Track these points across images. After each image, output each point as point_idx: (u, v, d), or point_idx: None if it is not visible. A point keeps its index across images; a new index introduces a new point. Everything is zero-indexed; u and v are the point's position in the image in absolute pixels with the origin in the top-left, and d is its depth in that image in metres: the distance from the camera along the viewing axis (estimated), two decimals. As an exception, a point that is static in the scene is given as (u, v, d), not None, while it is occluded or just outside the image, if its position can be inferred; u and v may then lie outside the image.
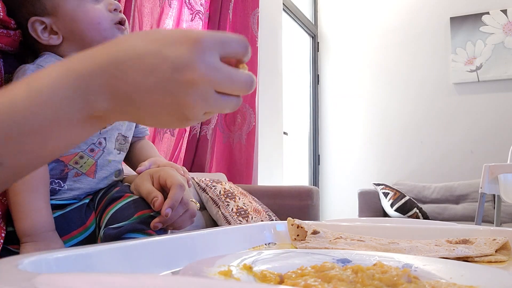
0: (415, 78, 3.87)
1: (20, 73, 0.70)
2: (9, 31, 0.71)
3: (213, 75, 0.35)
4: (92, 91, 0.36)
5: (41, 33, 0.73)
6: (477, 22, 3.68)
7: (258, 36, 2.63)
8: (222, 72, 0.36)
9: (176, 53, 0.35)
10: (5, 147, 0.36)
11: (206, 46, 0.36)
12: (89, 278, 0.24)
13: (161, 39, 0.36)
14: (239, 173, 2.48)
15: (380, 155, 3.95)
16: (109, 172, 0.80)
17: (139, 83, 0.36)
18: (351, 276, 0.35)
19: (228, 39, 0.38)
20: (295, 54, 4.03)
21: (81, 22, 0.73)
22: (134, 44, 0.36)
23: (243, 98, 2.62)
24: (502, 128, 3.54)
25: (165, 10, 2.03)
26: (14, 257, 0.31)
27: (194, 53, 0.35)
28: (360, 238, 0.65)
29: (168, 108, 0.37)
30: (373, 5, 4.09)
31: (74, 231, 0.74)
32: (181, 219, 0.71)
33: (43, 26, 0.73)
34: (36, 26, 0.72)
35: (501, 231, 0.65)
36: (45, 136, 0.37)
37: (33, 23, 0.72)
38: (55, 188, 0.74)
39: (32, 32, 0.72)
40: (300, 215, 1.20)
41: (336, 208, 4.05)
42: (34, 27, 0.72)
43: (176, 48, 0.35)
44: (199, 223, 1.81)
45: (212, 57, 0.36)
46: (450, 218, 3.19)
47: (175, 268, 0.45)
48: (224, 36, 0.38)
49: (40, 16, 0.72)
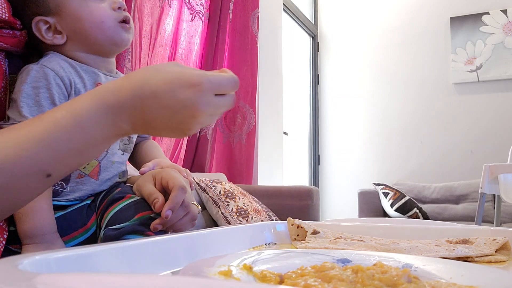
0: (415, 78, 3.87)
1: (25, 73, 0.70)
2: (15, 32, 0.71)
3: (208, 109, 0.49)
4: (119, 119, 0.48)
5: (45, 33, 0.73)
6: (477, 22, 3.68)
7: (258, 36, 2.63)
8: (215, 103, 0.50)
9: (184, 95, 0.48)
10: (54, 162, 0.47)
11: (204, 89, 0.48)
12: (89, 278, 0.24)
13: (173, 81, 0.48)
14: (239, 173, 2.48)
15: (380, 155, 3.95)
16: (113, 173, 0.80)
17: (155, 115, 0.48)
18: (351, 276, 0.35)
19: (222, 82, 0.50)
20: (295, 54, 4.03)
21: (85, 21, 0.73)
22: (152, 84, 0.48)
23: (243, 99, 2.63)
24: (502, 128, 3.54)
25: (165, 10, 2.03)
26: (14, 257, 0.31)
27: (197, 95, 0.48)
28: (360, 238, 0.65)
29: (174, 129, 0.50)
30: (373, 5, 4.09)
31: (75, 232, 0.73)
32: (181, 222, 0.70)
33: (47, 26, 0.73)
34: (40, 26, 0.72)
35: (501, 231, 0.65)
36: (84, 151, 0.49)
37: (37, 23, 0.72)
38: (58, 190, 0.74)
39: (36, 32, 0.72)
40: (300, 215, 1.20)
41: (336, 208, 4.05)
42: (38, 27, 0.72)
43: (184, 90, 0.48)
44: (199, 223, 1.81)
45: (208, 96, 0.49)
46: (450, 218, 3.19)
47: (175, 268, 0.45)
48: (219, 79, 0.50)
49: (44, 16, 0.72)
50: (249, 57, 2.57)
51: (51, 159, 0.46)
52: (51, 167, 0.47)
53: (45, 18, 0.72)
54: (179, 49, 2.15)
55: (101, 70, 0.78)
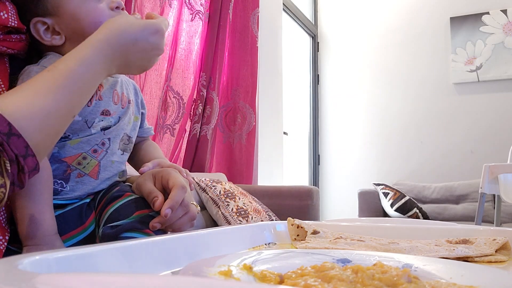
0: (415, 78, 3.87)
1: (25, 75, 0.70)
2: (22, 36, 0.71)
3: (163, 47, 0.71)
4: (110, 63, 0.64)
5: (44, 34, 0.72)
6: (477, 22, 3.68)
7: (258, 36, 2.63)
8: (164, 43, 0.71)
9: (153, 39, 0.67)
10: (79, 105, 0.61)
11: (164, 33, 0.69)
12: (89, 278, 0.24)
13: (145, 29, 0.66)
14: (239, 173, 2.48)
15: (380, 155, 3.95)
16: (112, 173, 0.80)
17: (134, 56, 0.66)
18: (351, 276, 0.35)
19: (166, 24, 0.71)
20: (295, 54, 4.03)
21: (83, 22, 0.73)
22: (131, 32, 0.65)
23: (243, 99, 2.63)
24: (502, 128, 3.54)
25: (165, 10, 2.03)
26: (14, 257, 0.31)
27: (161, 38, 0.68)
28: (360, 238, 0.65)
29: (141, 66, 0.69)
30: (373, 5, 4.09)
31: (74, 230, 0.73)
32: (180, 221, 0.70)
33: (46, 27, 0.72)
34: (39, 27, 0.72)
35: (501, 231, 0.65)
36: (90, 89, 0.63)
37: (35, 24, 0.72)
38: (57, 189, 0.74)
39: (35, 33, 0.72)
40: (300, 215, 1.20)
41: (336, 208, 4.05)
42: (36, 28, 0.72)
43: (153, 35, 0.67)
44: (199, 223, 1.81)
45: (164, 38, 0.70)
46: (450, 218, 3.19)
47: (175, 268, 0.45)
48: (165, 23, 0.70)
49: (42, 17, 0.72)
50: (249, 57, 2.57)
51: (77, 103, 0.60)
52: (77, 108, 0.61)
53: (43, 19, 0.72)
54: (179, 49, 2.15)
55: None
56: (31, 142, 0.52)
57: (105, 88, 0.78)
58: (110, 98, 0.78)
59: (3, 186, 0.50)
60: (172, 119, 2.10)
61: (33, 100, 0.55)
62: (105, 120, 0.77)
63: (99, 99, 0.76)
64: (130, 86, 0.87)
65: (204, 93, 2.26)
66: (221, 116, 2.50)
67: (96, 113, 0.76)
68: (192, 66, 2.24)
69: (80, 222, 0.74)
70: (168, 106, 2.09)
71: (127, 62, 0.65)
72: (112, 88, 0.79)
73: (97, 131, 0.76)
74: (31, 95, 0.56)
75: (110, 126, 0.78)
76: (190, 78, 2.23)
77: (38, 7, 0.72)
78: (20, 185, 0.53)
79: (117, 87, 0.81)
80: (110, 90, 0.79)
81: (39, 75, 0.59)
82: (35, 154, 0.53)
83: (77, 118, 0.74)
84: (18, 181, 0.53)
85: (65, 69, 0.59)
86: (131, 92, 0.86)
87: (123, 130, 0.81)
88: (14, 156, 0.51)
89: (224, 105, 2.53)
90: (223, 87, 2.52)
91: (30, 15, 0.72)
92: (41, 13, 0.72)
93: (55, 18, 0.72)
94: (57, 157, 0.74)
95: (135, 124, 0.86)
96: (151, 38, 0.66)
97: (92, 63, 0.61)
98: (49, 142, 0.58)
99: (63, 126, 0.60)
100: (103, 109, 0.77)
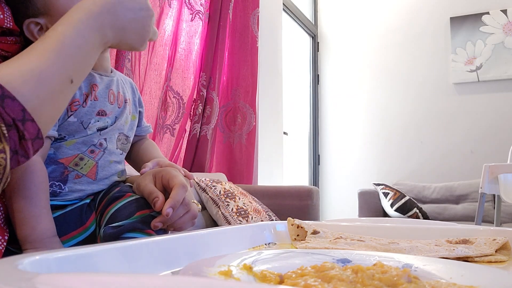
0: (415, 78, 3.87)
1: None
2: (16, 38, 0.71)
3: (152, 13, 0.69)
4: (103, 26, 0.62)
5: (38, 34, 0.71)
6: (477, 22, 3.68)
7: (258, 36, 2.63)
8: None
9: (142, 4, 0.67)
10: (74, 69, 0.59)
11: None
12: (89, 278, 0.24)
13: None
14: (239, 173, 2.48)
15: (380, 155, 3.95)
16: (110, 172, 0.80)
17: (123, 17, 0.64)
18: (351, 276, 0.35)
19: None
20: (295, 54, 4.03)
21: None
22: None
23: (243, 99, 2.63)
24: (502, 128, 3.54)
25: (165, 10, 2.03)
26: (14, 257, 0.31)
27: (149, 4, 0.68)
28: (360, 238, 0.65)
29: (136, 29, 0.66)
30: (373, 5, 4.09)
31: (74, 231, 0.73)
32: (181, 220, 0.70)
33: (39, 27, 0.71)
34: (32, 28, 0.71)
35: (501, 231, 0.65)
36: (89, 58, 0.62)
37: (28, 25, 0.71)
38: (56, 191, 0.74)
39: (29, 34, 0.71)
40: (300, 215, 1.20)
41: (336, 208, 4.05)
42: (29, 29, 0.71)
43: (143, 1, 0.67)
44: (199, 223, 1.81)
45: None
46: (450, 218, 3.19)
47: (175, 268, 0.45)
48: None
49: (34, 18, 0.71)
50: (249, 57, 2.57)
51: (71, 66, 0.58)
52: (73, 72, 0.59)
53: (36, 20, 0.71)
54: (179, 49, 2.15)
55: (96, 71, 0.78)
56: (27, 106, 0.50)
57: (100, 88, 0.78)
58: (106, 98, 0.78)
59: (3, 151, 0.48)
60: (172, 119, 2.10)
61: (24, 63, 0.54)
62: (101, 120, 0.77)
63: (94, 99, 0.76)
64: (127, 85, 0.86)
65: (204, 93, 2.26)
66: (221, 116, 2.50)
67: (92, 113, 0.75)
68: (192, 66, 2.24)
69: (80, 222, 0.74)
70: (168, 106, 2.09)
71: (120, 24, 0.64)
72: (108, 87, 0.79)
73: (93, 131, 0.76)
74: (23, 59, 0.55)
75: (106, 126, 0.78)
76: (190, 78, 2.23)
77: (29, 8, 0.71)
78: (25, 155, 0.51)
79: (113, 86, 0.80)
80: (105, 89, 0.78)
81: (30, 45, 0.58)
82: (34, 120, 0.51)
83: (73, 119, 0.73)
84: (21, 150, 0.50)
85: (54, 34, 0.58)
86: (128, 91, 0.85)
87: (118, 130, 0.80)
88: (11, 120, 0.48)
89: (224, 105, 2.53)
90: (223, 87, 2.52)
91: (22, 17, 0.71)
92: (32, 14, 0.71)
93: (47, 17, 0.71)
94: (53, 158, 0.73)
95: (132, 123, 0.85)
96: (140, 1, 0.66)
97: (79, 22, 0.60)
98: (49, 110, 0.55)
99: (61, 92, 0.57)
100: (98, 109, 0.76)
